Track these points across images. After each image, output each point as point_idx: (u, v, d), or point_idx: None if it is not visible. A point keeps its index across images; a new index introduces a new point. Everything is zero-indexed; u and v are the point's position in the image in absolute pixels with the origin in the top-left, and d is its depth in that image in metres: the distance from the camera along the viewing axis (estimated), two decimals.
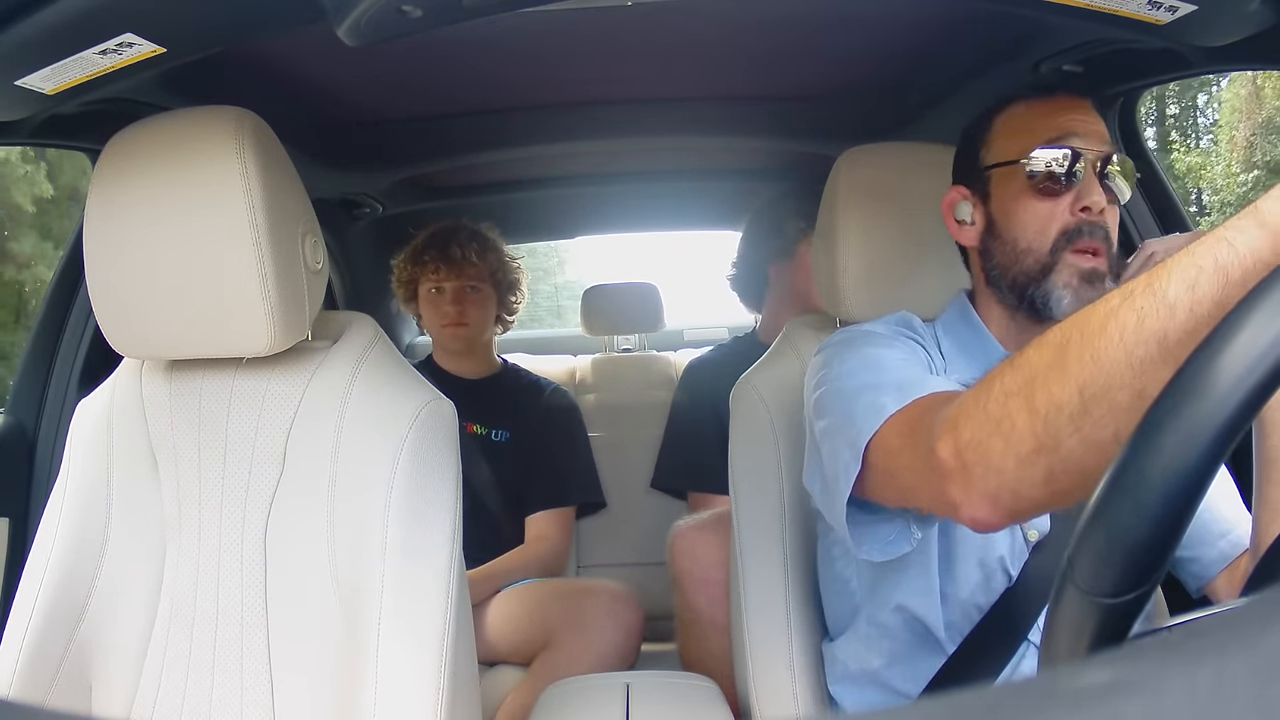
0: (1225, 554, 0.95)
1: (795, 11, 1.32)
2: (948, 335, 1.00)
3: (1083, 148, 0.89)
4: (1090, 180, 0.88)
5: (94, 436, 1.02)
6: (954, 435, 0.66)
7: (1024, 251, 0.91)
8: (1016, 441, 0.61)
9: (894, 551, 0.85)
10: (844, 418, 0.84)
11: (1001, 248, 0.93)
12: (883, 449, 0.79)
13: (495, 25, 1.13)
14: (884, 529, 0.85)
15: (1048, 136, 0.90)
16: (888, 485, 0.81)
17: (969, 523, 0.68)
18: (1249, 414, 0.38)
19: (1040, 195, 0.89)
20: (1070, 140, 0.89)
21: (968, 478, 0.65)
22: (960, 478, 0.65)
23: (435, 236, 1.86)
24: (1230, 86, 9.98)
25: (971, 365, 0.96)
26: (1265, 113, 9.73)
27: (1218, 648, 0.19)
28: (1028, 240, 0.90)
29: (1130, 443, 0.42)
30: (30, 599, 0.95)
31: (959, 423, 0.66)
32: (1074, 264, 0.88)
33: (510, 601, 1.62)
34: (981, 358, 0.96)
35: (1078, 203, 0.88)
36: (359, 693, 0.86)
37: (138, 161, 0.91)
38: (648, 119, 1.73)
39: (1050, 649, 0.47)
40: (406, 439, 0.92)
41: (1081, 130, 0.90)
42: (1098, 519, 0.43)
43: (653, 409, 2.06)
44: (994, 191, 0.94)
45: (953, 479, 0.66)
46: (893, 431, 0.78)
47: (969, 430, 0.65)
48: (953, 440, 0.66)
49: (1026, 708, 0.19)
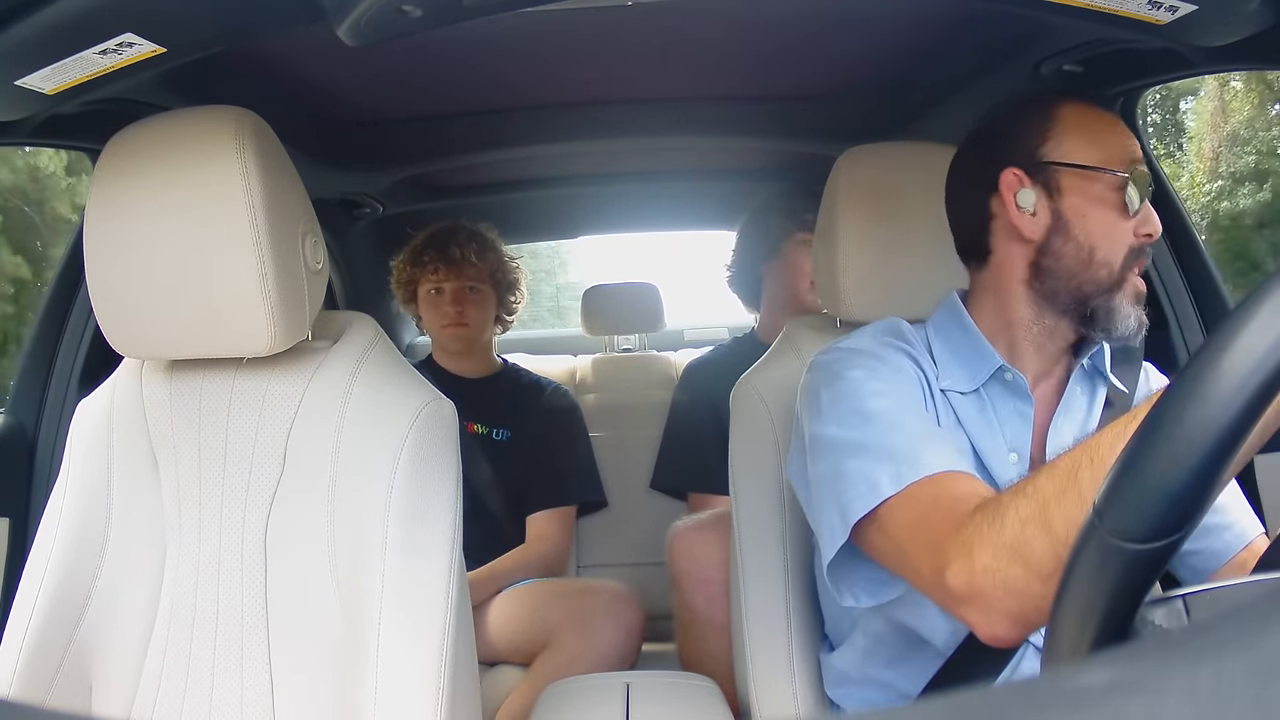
0: (1230, 546, 0.94)
1: (795, 11, 1.32)
2: (939, 338, 0.98)
3: (1145, 174, 0.90)
4: (1149, 207, 0.90)
5: (94, 437, 1.02)
6: (967, 563, 0.68)
7: (1100, 263, 0.90)
8: (1038, 564, 0.64)
9: (883, 596, 0.86)
10: (834, 476, 0.85)
11: (1074, 251, 0.91)
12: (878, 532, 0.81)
13: (495, 25, 1.13)
14: (876, 572, 0.86)
15: (1129, 155, 0.90)
16: (882, 558, 0.83)
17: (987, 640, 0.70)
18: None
19: (1123, 212, 0.89)
20: (1140, 165, 0.90)
21: (987, 603, 0.68)
22: (979, 603, 0.69)
23: (434, 237, 1.86)
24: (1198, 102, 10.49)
25: (965, 370, 0.95)
26: (1230, 126, 10.16)
27: (1218, 647, 0.19)
28: (1105, 252, 0.89)
29: (1167, 393, 0.42)
30: (30, 599, 0.95)
31: (973, 551, 0.68)
32: (1135, 284, 0.90)
33: (511, 601, 1.62)
34: (975, 362, 0.94)
35: (1142, 226, 0.89)
36: (359, 692, 0.86)
37: (138, 161, 0.91)
38: (648, 119, 1.73)
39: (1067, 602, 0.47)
40: (407, 439, 0.92)
41: (1136, 157, 0.91)
42: (1133, 466, 0.43)
43: (653, 409, 2.07)
44: (1066, 189, 0.91)
45: (969, 604, 0.69)
46: (890, 520, 0.80)
47: (984, 559, 0.67)
48: (966, 569, 0.68)
49: (1027, 708, 0.19)
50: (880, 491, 0.79)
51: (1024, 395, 0.93)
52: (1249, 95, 9.89)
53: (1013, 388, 0.93)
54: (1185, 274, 1.42)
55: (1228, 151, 9.89)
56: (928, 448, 0.81)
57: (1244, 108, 10.00)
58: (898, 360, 0.93)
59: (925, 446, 0.81)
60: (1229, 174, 9.65)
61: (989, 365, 0.93)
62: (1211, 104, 10.20)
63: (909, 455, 0.80)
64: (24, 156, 7.00)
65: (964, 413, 0.93)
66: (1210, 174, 9.82)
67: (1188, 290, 1.41)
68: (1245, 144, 9.79)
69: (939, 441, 0.83)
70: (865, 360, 0.92)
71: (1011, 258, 0.94)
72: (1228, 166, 9.72)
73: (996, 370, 0.93)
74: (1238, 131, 9.88)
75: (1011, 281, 0.94)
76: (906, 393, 0.89)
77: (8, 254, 7.41)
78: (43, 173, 7.62)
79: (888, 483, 0.79)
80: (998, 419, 0.93)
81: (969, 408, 0.93)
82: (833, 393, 0.90)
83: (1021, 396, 0.93)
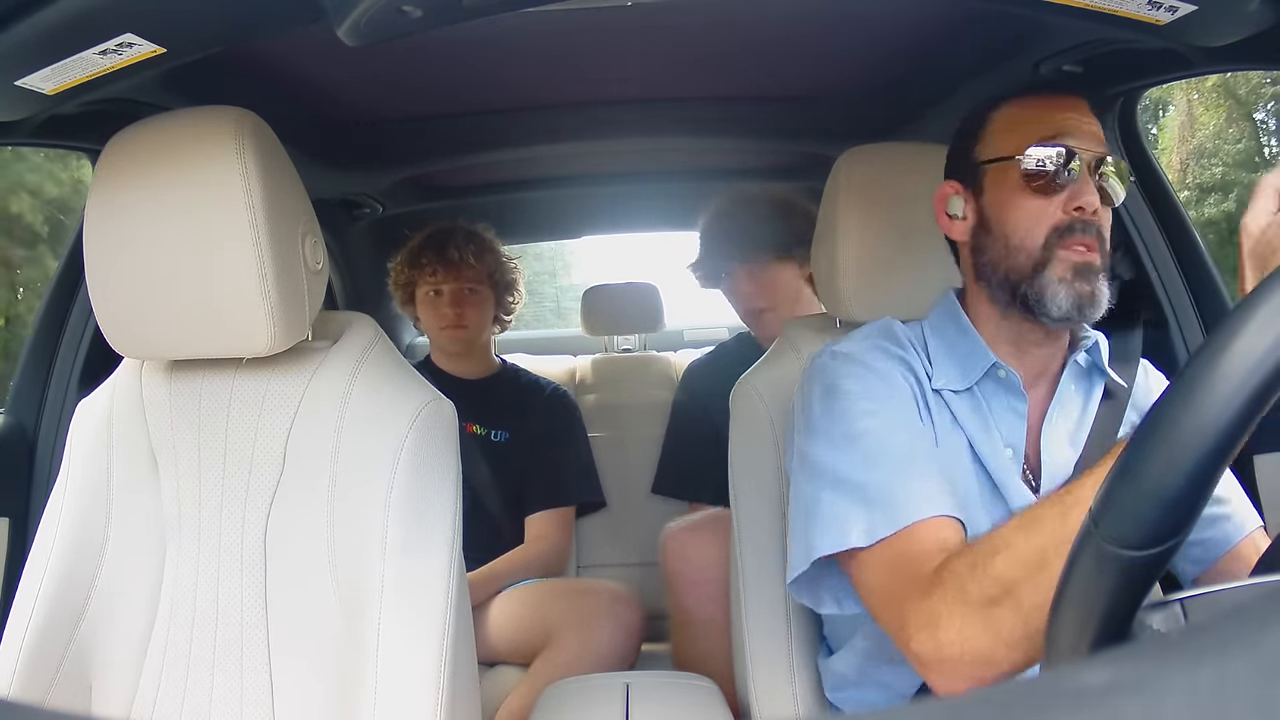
0: (1230, 536, 0.94)
1: (795, 12, 1.32)
2: (935, 336, 0.98)
3: (1078, 147, 0.88)
4: (1084, 180, 0.88)
5: (94, 437, 1.02)
6: (933, 635, 0.71)
7: (1015, 248, 0.90)
8: (1007, 633, 0.67)
9: (846, 609, 0.89)
10: (811, 502, 0.87)
11: (993, 243, 0.93)
12: (846, 566, 0.85)
13: (495, 25, 1.12)
14: (839, 582, 0.88)
15: (1043, 134, 0.89)
16: (854, 585, 0.85)
17: (944, 694, 0.73)
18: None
19: (1034, 192, 0.89)
20: (1065, 139, 0.88)
21: (954, 667, 0.71)
22: (944, 670, 0.71)
23: (432, 238, 1.85)
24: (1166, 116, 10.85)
25: (959, 369, 0.94)
26: (1197, 139, 10.55)
27: (1219, 647, 0.19)
28: (1019, 237, 0.90)
29: (1163, 400, 0.42)
30: (30, 599, 0.95)
31: (939, 622, 0.71)
32: (1066, 258, 0.88)
33: (510, 601, 1.62)
34: (970, 362, 0.94)
35: (1071, 201, 0.87)
36: (359, 692, 0.86)
37: (138, 162, 0.91)
38: (648, 119, 1.72)
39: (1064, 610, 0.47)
40: (406, 439, 0.92)
41: (1076, 130, 0.89)
42: (1129, 472, 0.43)
43: (653, 409, 2.06)
44: (987, 186, 0.94)
45: (934, 670, 0.72)
46: (858, 568, 0.82)
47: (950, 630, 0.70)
48: (932, 641, 0.71)
49: (1027, 708, 0.19)
50: (848, 540, 0.82)
51: (1017, 392, 0.93)
52: (1216, 110, 10.41)
53: (1005, 384, 0.94)
54: (1185, 274, 1.41)
55: (1194, 164, 10.39)
56: (907, 488, 0.82)
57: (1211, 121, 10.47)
58: (890, 370, 0.93)
59: (905, 486, 0.82)
60: (1195, 184, 10.15)
61: (983, 363, 0.94)
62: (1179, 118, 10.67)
63: (885, 500, 0.81)
64: (70, 170, 7.14)
65: (959, 411, 0.94)
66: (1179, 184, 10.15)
67: (1187, 290, 1.41)
68: (1212, 156, 10.27)
69: (921, 476, 0.83)
70: (859, 371, 0.92)
71: (963, 261, 0.99)
72: (1194, 178, 10.23)
73: (990, 368, 0.93)
74: (1203, 145, 10.35)
75: (969, 282, 0.98)
76: (898, 409, 0.90)
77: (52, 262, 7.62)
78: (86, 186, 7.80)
79: (857, 535, 0.81)
80: (992, 416, 0.93)
81: (964, 406, 0.94)
82: (825, 407, 0.91)
83: (1015, 393, 0.93)
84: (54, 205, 7.48)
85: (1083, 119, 0.90)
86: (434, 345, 1.94)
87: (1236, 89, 10.06)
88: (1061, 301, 0.87)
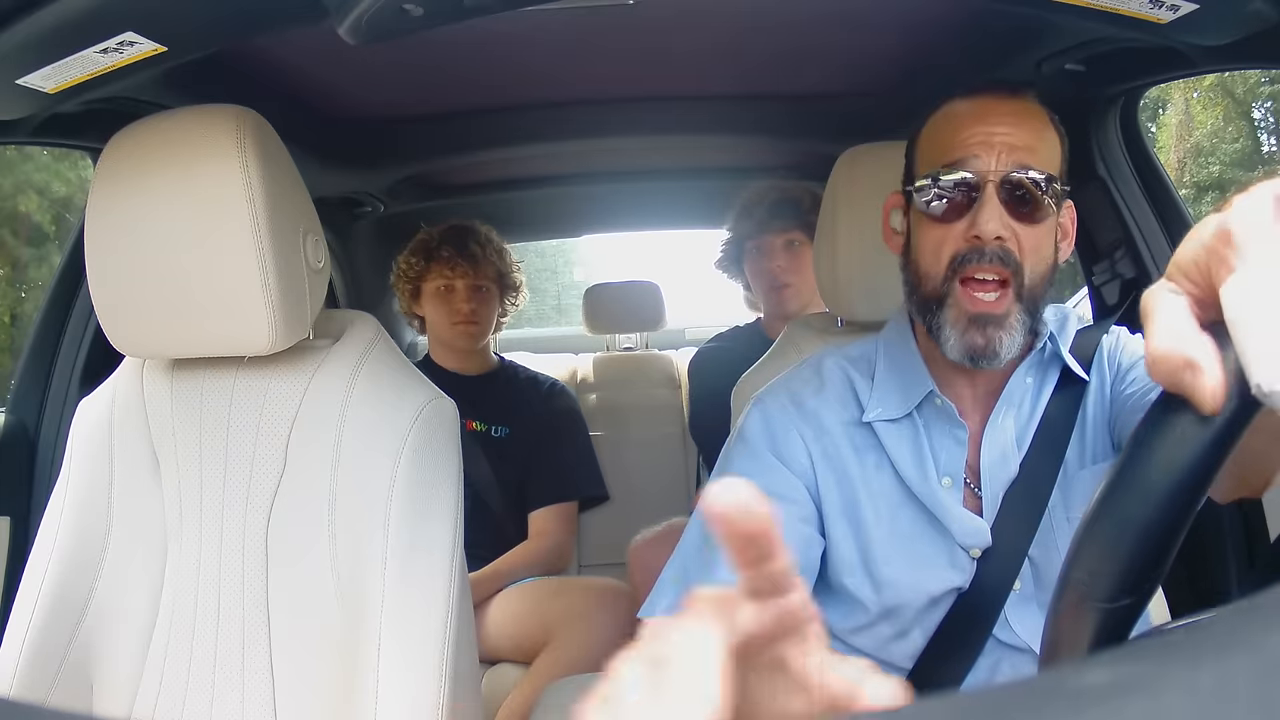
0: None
1: (797, 12, 1.32)
2: (885, 356, 0.94)
3: (981, 170, 0.82)
4: (986, 204, 0.81)
5: (95, 436, 1.02)
6: None
7: (924, 275, 0.86)
8: None
9: None
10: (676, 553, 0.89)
11: (910, 267, 0.89)
12: None
13: (496, 24, 1.13)
14: None
15: (949, 158, 0.83)
16: None
17: None
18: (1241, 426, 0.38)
19: (935, 221, 0.84)
20: (969, 163, 0.82)
21: None
22: None
23: (452, 232, 1.86)
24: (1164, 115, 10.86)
25: (900, 394, 0.90)
26: (1194, 138, 10.57)
27: (1219, 648, 0.19)
28: (926, 264, 0.85)
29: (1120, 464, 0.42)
30: (31, 598, 0.95)
31: None
32: (962, 304, 0.83)
33: (511, 600, 1.63)
34: (909, 387, 0.90)
35: (970, 230, 0.82)
36: (360, 691, 0.86)
37: (139, 160, 0.91)
38: (649, 118, 1.73)
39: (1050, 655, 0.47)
40: (408, 438, 0.92)
41: (987, 145, 0.82)
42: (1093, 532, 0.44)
43: (654, 408, 2.07)
44: (912, 205, 0.88)
45: None
46: None
47: None
48: None
49: (1027, 708, 0.19)
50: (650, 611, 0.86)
51: (955, 420, 0.88)
52: (1214, 109, 10.46)
53: (943, 412, 0.89)
54: None
55: (1191, 162, 10.47)
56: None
57: (1208, 120, 10.53)
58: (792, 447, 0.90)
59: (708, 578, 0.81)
60: (1192, 183, 10.21)
61: (920, 389, 0.89)
62: (1177, 116, 10.73)
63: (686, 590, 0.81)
64: (77, 169, 7.16)
65: (890, 443, 0.89)
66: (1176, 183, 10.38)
67: None
68: (1209, 155, 10.32)
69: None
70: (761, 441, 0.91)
71: None
72: (1191, 176, 10.30)
73: (927, 395, 0.89)
74: (1200, 144, 10.42)
75: None
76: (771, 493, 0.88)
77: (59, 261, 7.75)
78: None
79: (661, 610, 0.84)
80: (930, 445, 0.89)
81: (898, 436, 0.89)
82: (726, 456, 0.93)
83: (954, 421, 0.88)
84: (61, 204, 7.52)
85: (999, 130, 0.83)
86: (437, 341, 1.93)
87: (1234, 88, 10.10)
88: (953, 349, 0.84)
